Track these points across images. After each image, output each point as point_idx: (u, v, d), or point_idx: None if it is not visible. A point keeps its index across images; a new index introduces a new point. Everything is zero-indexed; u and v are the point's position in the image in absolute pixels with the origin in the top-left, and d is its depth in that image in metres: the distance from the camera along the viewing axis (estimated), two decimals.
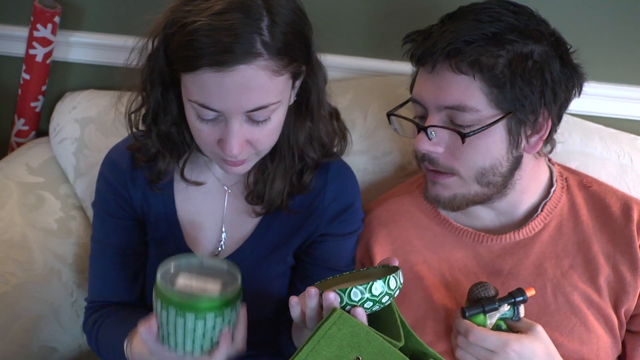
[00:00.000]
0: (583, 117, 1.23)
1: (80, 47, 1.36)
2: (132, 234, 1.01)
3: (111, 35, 1.35)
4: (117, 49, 1.35)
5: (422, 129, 0.91)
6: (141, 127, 0.97)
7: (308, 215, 0.99)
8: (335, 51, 1.28)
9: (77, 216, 1.27)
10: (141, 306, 1.03)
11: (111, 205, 1.00)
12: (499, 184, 0.94)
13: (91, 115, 1.28)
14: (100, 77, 1.39)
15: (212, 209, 1.00)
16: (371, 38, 1.28)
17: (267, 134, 0.87)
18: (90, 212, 1.27)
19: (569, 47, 0.94)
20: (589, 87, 1.09)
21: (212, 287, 0.79)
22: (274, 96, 0.84)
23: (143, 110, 0.94)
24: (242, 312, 0.82)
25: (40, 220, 1.23)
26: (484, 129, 0.88)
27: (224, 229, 1.00)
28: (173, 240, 1.00)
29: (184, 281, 0.80)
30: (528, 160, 0.96)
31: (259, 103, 0.82)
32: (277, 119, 0.87)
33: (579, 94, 0.96)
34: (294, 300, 0.79)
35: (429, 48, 0.89)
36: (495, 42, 0.87)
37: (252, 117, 0.84)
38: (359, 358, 0.72)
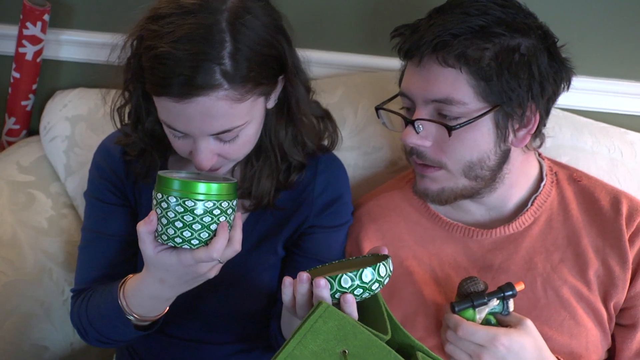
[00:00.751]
0: (573, 112, 1.23)
1: (71, 45, 1.36)
2: (123, 221, 1.00)
3: (101, 33, 1.34)
4: (108, 47, 1.35)
5: (409, 122, 0.91)
6: (127, 122, 0.98)
7: (297, 206, 0.99)
8: (325, 48, 1.28)
9: (68, 214, 1.27)
10: None
11: (104, 192, 1.00)
12: (487, 178, 0.94)
13: (82, 113, 1.27)
14: (90, 75, 1.39)
15: None
16: (361, 34, 1.29)
17: (238, 148, 0.88)
18: (81, 210, 1.27)
19: (556, 40, 0.94)
20: (579, 82, 1.10)
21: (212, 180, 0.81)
22: (238, 119, 0.84)
23: (127, 108, 0.95)
24: (238, 214, 0.83)
25: (31, 218, 1.22)
26: (470, 122, 0.88)
27: None
28: None
29: (184, 176, 0.83)
30: (517, 154, 0.96)
31: (223, 127, 0.83)
32: (246, 134, 0.87)
33: (568, 88, 0.96)
34: (287, 280, 0.80)
35: (417, 41, 0.89)
36: (482, 35, 0.87)
37: (220, 137, 0.85)
38: (345, 351, 0.72)
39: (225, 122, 0.83)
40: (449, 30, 0.87)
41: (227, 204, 0.80)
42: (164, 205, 0.78)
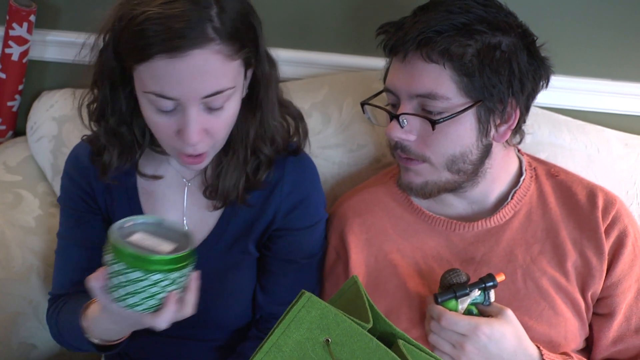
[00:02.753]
0: (551, 110, 1.26)
1: (57, 46, 1.36)
2: (96, 228, 1.01)
3: (88, 34, 1.35)
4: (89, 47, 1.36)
5: (394, 116, 0.94)
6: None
7: (267, 206, 1.00)
8: (309, 48, 1.30)
9: (55, 214, 1.27)
10: None
11: (75, 200, 1.01)
12: (469, 172, 0.96)
13: (69, 113, 1.28)
14: (77, 76, 1.39)
15: (173, 203, 1.01)
16: (345, 35, 1.30)
17: (223, 123, 0.88)
18: None
19: (536, 39, 0.97)
20: (556, 81, 1.12)
21: (165, 247, 0.78)
22: (228, 81, 0.85)
23: (93, 106, 0.95)
24: (194, 277, 0.81)
25: (18, 218, 1.23)
26: (453, 116, 0.91)
27: (185, 223, 1.01)
28: None
29: (138, 237, 0.78)
30: (498, 149, 0.98)
31: (214, 88, 0.83)
32: (231, 107, 0.88)
33: (547, 85, 0.99)
34: None
35: (401, 38, 0.92)
36: (465, 33, 0.90)
37: (209, 103, 0.85)
38: (328, 340, 0.74)
39: (218, 81, 0.83)
40: (433, 27, 0.89)
41: (178, 274, 0.78)
42: (115, 267, 0.77)
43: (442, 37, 0.89)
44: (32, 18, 1.29)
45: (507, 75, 0.91)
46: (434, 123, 0.90)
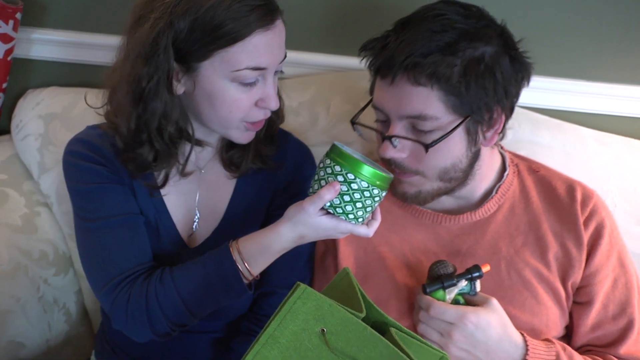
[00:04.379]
0: (531, 109, 1.30)
1: (42, 44, 1.36)
2: (128, 197, 0.99)
3: (74, 32, 1.36)
4: (80, 46, 1.37)
5: (386, 138, 0.95)
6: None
7: (275, 171, 1.06)
8: (296, 48, 1.31)
9: (42, 212, 1.27)
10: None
11: (98, 174, 0.97)
12: (460, 178, 0.99)
13: (56, 111, 1.28)
14: (63, 74, 1.39)
15: (188, 189, 1.03)
16: (330, 35, 1.33)
17: (277, 90, 0.97)
18: (56, 207, 1.27)
19: (516, 40, 0.98)
20: (536, 81, 1.16)
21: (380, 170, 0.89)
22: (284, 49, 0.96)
23: (135, 114, 0.92)
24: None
25: (4, 216, 1.22)
26: (445, 137, 0.92)
27: (197, 211, 1.04)
28: (159, 218, 1.02)
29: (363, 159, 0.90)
30: (485, 150, 1.01)
31: (284, 53, 0.95)
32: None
33: (528, 83, 1.00)
34: None
35: (387, 61, 0.92)
36: (450, 52, 0.90)
37: (277, 69, 0.95)
38: (323, 330, 0.75)
39: (284, 48, 0.95)
40: (419, 50, 0.89)
41: (383, 194, 0.90)
42: (340, 179, 0.87)
43: (428, 60, 0.89)
44: (18, 16, 1.29)
45: (492, 86, 0.93)
46: (427, 147, 0.92)
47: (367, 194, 0.88)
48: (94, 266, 0.97)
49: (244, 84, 0.91)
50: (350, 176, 0.87)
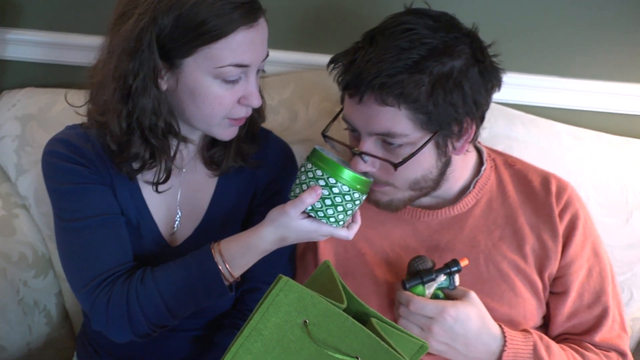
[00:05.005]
0: (506, 105, 1.32)
1: (18, 44, 1.35)
2: (109, 198, 0.98)
3: (49, 33, 1.35)
4: (55, 46, 1.36)
5: (356, 153, 0.96)
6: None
7: (256, 170, 1.07)
8: (274, 46, 1.31)
9: (20, 214, 1.26)
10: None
11: (79, 175, 0.96)
12: (431, 186, 1.01)
13: (32, 112, 1.27)
14: (38, 75, 1.38)
15: (170, 190, 1.03)
16: (305, 34, 1.33)
17: (259, 88, 0.97)
18: (35, 209, 1.26)
19: (488, 43, 0.98)
20: (511, 78, 1.17)
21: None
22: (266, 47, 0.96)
23: (125, 112, 0.91)
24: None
25: None
26: (414, 154, 0.93)
27: (179, 210, 1.04)
28: (141, 217, 1.01)
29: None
30: (456, 157, 1.01)
31: (266, 52, 0.96)
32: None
33: (499, 89, 1.00)
34: None
35: (355, 79, 0.91)
36: (417, 70, 0.90)
37: (261, 67, 0.96)
38: (306, 321, 0.77)
39: (266, 46, 0.95)
40: (386, 70, 0.88)
41: (363, 197, 0.92)
42: (322, 183, 0.89)
43: (395, 80, 0.88)
44: None
45: (460, 100, 0.92)
46: (395, 166, 0.93)
47: (347, 197, 0.89)
48: (74, 267, 0.97)
49: (227, 81, 0.91)
50: (332, 180, 0.88)
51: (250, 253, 0.92)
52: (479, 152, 1.10)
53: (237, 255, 0.92)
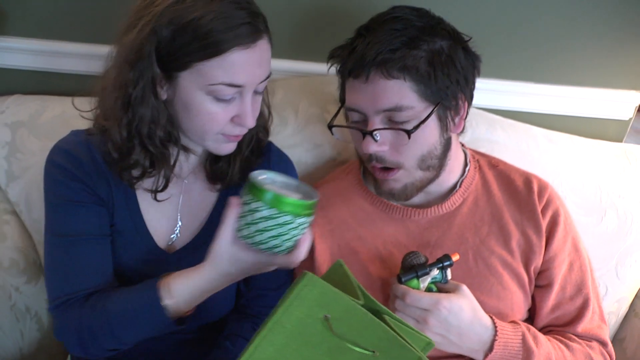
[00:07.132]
0: (486, 110, 1.38)
1: (4, 52, 1.35)
2: (101, 219, 1.00)
3: (36, 40, 1.35)
4: (44, 54, 1.36)
5: (367, 133, 1.00)
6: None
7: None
8: None
9: (10, 220, 1.26)
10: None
11: (75, 192, 0.98)
12: (436, 166, 1.06)
13: (22, 119, 1.27)
14: (25, 83, 1.38)
15: (169, 200, 1.04)
16: (296, 42, 1.37)
17: (258, 106, 0.97)
18: (26, 215, 1.26)
19: (467, 40, 1.05)
20: (490, 84, 1.22)
21: (297, 197, 0.86)
22: (269, 68, 0.96)
23: (125, 120, 0.93)
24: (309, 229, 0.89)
25: None
26: (423, 123, 0.99)
27: (179, 219, 1.05)
28: (135, 229, 1.02)
29: (273, 188, 0.85)
30: (454, 139, 1.09)
31: (266, 73, 0.95)
32: (264, 91, 0.98)
33: (479, 73, 1.08)
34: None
35: (359, 61, 0.98)
36: (414, 46, 0.98)
37: (258, 88, 0.95)
38: (327, 316, 0.78)
39: (268, 68, 0.95)
40: (387, 47, 0.97)
41: (309, 220, 0.87)
42: (264, 214, 0.83)
43: (397, 55, 0.96)
44: None
45: (454, 75, 1.01)
46: (409, 133, 0.98)
47: (276, 222, 0.84)
48: (53, 278, 0.99)
49: (219, 100, 0.91)
50: (273, 211, 0.83)
51: (198, 292, 0.90)
52: (464, 154, 1.15)
53: (185, 292, 0.91)
